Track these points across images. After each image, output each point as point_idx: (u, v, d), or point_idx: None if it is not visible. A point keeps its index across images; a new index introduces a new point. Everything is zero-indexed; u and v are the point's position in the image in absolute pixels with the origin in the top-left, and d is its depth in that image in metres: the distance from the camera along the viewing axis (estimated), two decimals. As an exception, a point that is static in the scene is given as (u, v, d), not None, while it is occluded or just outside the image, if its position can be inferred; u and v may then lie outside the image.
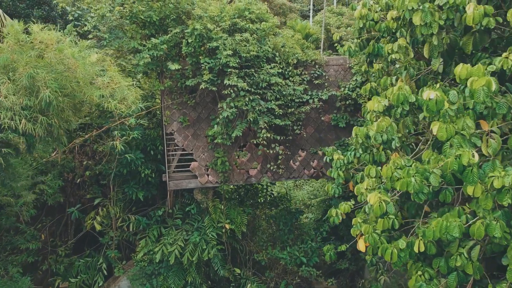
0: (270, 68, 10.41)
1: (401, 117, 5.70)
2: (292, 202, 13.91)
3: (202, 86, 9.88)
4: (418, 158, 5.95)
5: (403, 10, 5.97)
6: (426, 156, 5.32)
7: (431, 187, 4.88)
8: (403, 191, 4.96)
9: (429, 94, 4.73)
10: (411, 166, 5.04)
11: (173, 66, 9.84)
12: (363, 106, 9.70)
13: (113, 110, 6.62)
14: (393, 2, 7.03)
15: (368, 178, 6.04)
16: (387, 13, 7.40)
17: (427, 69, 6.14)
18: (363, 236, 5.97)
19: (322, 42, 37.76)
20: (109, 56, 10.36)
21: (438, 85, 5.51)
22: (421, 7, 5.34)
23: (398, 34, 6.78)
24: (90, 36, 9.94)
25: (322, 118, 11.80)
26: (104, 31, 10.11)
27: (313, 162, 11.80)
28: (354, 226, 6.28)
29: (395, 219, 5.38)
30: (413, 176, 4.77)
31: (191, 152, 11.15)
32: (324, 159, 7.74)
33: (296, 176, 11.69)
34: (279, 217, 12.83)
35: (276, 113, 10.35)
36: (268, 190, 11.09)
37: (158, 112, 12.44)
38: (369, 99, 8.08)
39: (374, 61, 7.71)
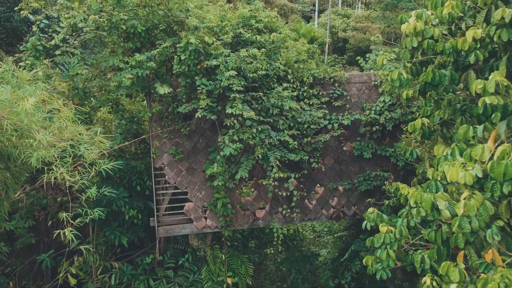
0: (282, 90, 8.41)
1: (503, 197, 3.76)
2: (304, 241, 11.92)
3: (199, 114, 7.89)
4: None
5: (497, 28, 4.00)
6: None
7: None
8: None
9: None
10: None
11: (162, 90, 7.85)
12: (404, 143, 7.70)
13: (59, 181, 4.62)
14: (455, 12, 5.07)
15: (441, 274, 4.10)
16: (449, 28, 5.44)
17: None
18: None
19: (327, 46, 35.88)
20: (83, 75, 8.39)
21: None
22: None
23: (471, 57, 4.80)
24: (57, 52, 7.95)
25: (344, 147, 9.81)
26: (77, 46, 8.11)
27: (332, 200, 9.82)
28: None
29: None
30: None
31: (185, 190, 9.16)
32: (363, 225, 5.79)
33: (313, 217, 9.70)
34: (291, 262, 10.85)
35: (291, 146, 8.35)
36: (279, 233, 9.16)
37: (147, 138, 10.45)
38: (426, 139, 6.11)
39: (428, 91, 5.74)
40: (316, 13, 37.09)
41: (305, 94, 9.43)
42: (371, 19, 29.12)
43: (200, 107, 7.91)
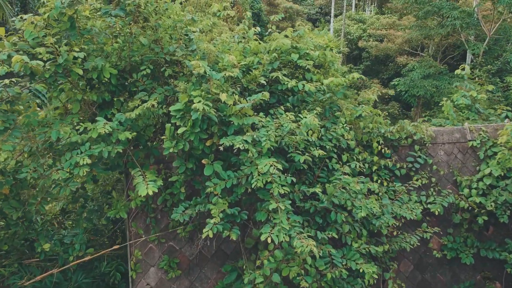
0: (351, 181, 4.91)
1: None
2: None
3: (209, 231, 4.38)
4: None
5: None
6: None
7: None
8: None
9: None
10: None
11: (144, 190, 4.36)
12: None
13: None
14: None
15: None
16: None
17: None
18: None
19: (341, 55, 32.34)
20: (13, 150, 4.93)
21: None
22: None
23: None
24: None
25: (431, 247, 6.36)
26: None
27: (413, 329, 6.36)
28: None
29: None
30: None
31: (185, 327, 5.71)
32: None
33: None
34: None
35: (367, 278, 4.84)
36: None
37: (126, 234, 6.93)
38: None
39: None
40: (332, 19, 33.49)
41: (374, 168, 5.98)
42: (395, 26, 25.55)
43: (213, 219, 4.41)
